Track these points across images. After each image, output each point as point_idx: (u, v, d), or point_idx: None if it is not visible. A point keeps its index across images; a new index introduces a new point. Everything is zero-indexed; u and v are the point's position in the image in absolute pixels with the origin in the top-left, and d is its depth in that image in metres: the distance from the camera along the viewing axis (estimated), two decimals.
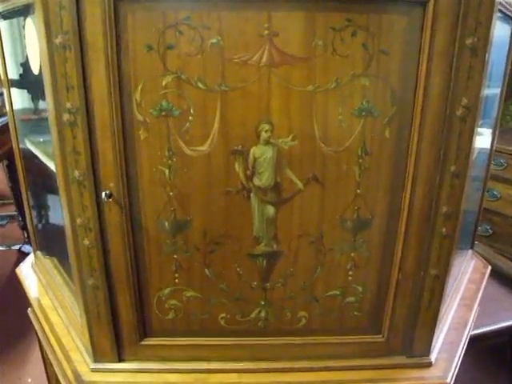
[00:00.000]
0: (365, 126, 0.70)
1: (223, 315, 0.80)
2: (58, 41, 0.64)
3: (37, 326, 1.00)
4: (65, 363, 0.85)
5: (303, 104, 0.68)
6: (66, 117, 0.67)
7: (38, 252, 1.13)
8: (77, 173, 0.70)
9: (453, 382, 0.83)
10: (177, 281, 0.77)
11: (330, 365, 0.83)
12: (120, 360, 0.82)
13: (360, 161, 0.71)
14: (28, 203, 1.08)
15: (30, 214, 1.10)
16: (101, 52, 0.64)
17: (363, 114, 0.69)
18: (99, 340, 0.80)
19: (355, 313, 0.81)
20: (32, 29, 0.76)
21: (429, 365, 0.84)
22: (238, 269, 0.77)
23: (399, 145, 0.71)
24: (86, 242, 0.73)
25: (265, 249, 0.76)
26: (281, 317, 0.81)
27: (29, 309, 1.06)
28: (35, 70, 0.79)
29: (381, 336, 0.83)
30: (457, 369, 0.85)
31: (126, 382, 0.81)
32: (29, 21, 0.77)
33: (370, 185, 0.73)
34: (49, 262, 1.09)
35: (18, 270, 1.16)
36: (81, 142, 0.68)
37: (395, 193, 0.74)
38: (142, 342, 0.81)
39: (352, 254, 0.77)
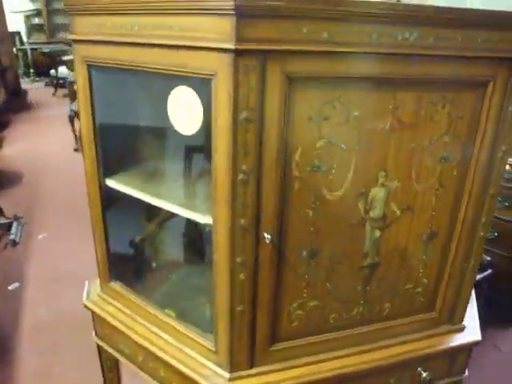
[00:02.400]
0: (442, 169, 0.97)
1: (333, 315, 1.03)
2: (243, 115, 0.79)
3: (133, 352, 1.12)
4: (201, 380, 1.00)
5: (407, 156, 0.93)
6: (240, 176, 0.83)
7: (112, 282, 1.21)
8: (243, 221, 0.86)
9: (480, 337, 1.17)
10: (304, 295, 0.98)
11: (403, 339, 1.11)
12: (251, 367, 1.01)
13: (436, 192, 0.99)
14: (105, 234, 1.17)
15: (107, 244, 1.18)
16: (275, 123, 0.82)
17: (442, 160, 0.97)
18: (238, 354, 0.98)
19: (421, 299, 1.10)
20: (187, 96, 0.88)
21: (463, 328, 1.17)
22: (350, 279, 1.01)
23: (460, 179, 1.00)
24: (242, 276, 0.90)
25: (370, 261, 1.00)
26: (372, 309, 1.06)
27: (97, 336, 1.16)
28: (186, 131, 0.91)
29: (434, 313, 1.13)
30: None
31: None
32: (181, 88, 0.89)
33: (440, 208, 1.01)
34: (126, 291, 1.19)
35: (87, 303, 1.23)
36: (249, 197, 0.85)
37: (454, 212, 1.03)
38: (271, 349, 1.01)
39: (423, 257, 1.06)
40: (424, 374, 1.13)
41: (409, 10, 0.80)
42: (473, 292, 1.22)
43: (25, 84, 8.06)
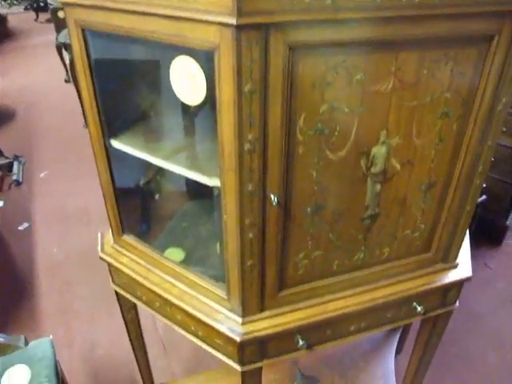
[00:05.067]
0: (442, 124, 1.00)
1: (336, 262, 1.10)
2: (247, 88, 0.80)
3: (149, 300, 1.20)
4: (216, 324, 1.10)
5: (408, 114, 0.95)
6: (246, 146, 0.86)
7: (125, 235, 1.27)
8: (250, 186, 0.90)
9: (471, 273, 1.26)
10: (309, 247, 1.05)
11: (401, 279, 1.20)
12: (261, 311, 1.10)
13: (436, 146, 1.02)
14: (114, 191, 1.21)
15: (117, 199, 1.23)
16: (279, 93, 0.83)
17: (442, 116, 0.98)
18: (249, 301, 1.06)
19: (417, 242, 1.17)
20: (190, 67, 0.88)
21: (457, 266, 1.26)
22: (352, 229, 1.07)
23: (460, 133, 1.03)
24: (250, 235, 0.96)
25: (370, 212, 1.06)
26: (372, 254, 1.14)
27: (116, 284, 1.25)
28: (190, 102, 0.92)
29: (430, 253, 1.21)
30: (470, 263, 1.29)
31: (268, 326, 1.09)
32: (183, 58, 0.89)
33: (439, 161, 1.05)
34: (139, 244, 1.25)
35: (102, 255, 1.31)
36: (256, 164, 0.88)
37: (452, 163, 1.07)
38: (279, 295, 1.09)
39: (422, 206, 1.11)
40: (419, 308, 1.23)
41: None
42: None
43: (2, 8, 7.64)
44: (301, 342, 1.14)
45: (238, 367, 1.16)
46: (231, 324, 1.09)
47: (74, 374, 2.07)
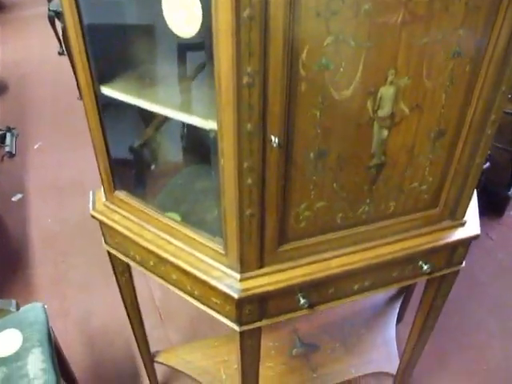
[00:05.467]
0: (454, 64, 0.93)
1: (340, 215, 1.05)
2: (245, 13, 0.73)
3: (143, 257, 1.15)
4: (213, 281, 1.04)
5: (418, 52, 0.88)
6: (245, 79, 0.79)
7: (117, 191, 1.21)
8: (249, 125, 0.84)
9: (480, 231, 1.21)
10: (312, 196, 0.99)
11: (407, 236, 1.15)
12: (261, 267, 1.04)
13: (447, 89, 0.96)
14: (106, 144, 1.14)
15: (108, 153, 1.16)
16: (280, 21, 0.76)
17: (455, 56, 0.92)
18: (248, 255, 1.00)
19: (425, 196, 1.11)
20: None
21: (464, 223, 1.20)
22: (356, 179, 1.01)
23: (472, 76, 0.96)
24: (250, 181, 0.90)
25: (376, 161, 1.00)
26: (378, 208, 1.08)
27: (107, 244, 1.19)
28: (184, 34, 0.85)
29: (437, 209, 1.16)
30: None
31: (267, 283, 1.04)
32: None
33: (449, 105, 0.98)
34: (132, 200, 1.19)
35: (93, 212, 1.25)
36: (256, 100, 0.82)
37: (464, 109, 1.00)
38: (279, 249, 1.03)
39: (430, 156, 1.05)
40: (425, 267, 1.18)
41: None
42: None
43: None
44: (302, 301, 1.09)
45: (236, 327, 1.11)
46: (229, 281, 1.04)
47: (69, 343, 2.03)
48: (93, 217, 1.26)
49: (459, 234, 1.19)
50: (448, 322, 2.12)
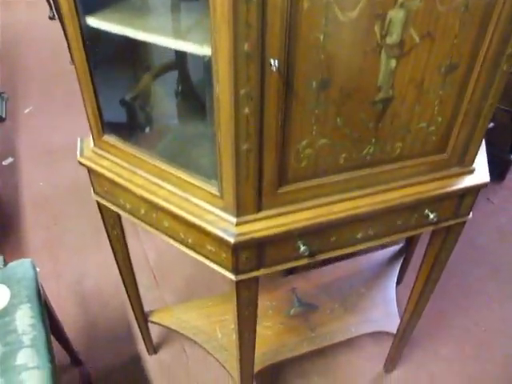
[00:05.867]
0: None
1: (343, 155, 0.98)
2: None
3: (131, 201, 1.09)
4: (207, 225, 0.98)
5: None
6: None
7: (106, 136, 1.14)
8: (246, 45, 0.76)
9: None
10: (314, 133, 0.92)
11: (413, 181, 1.09)
12: (258, 210, 0.98)
13: (461, 16, 0.88)
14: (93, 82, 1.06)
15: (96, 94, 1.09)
16: None
17: None
18: (245, 197, 0.94)
19: (433, 138, 1.05)
20: None
21: (473, 171, 1.14)
22: (361, 114, 0.94)
23: (489, 2, 0.88)
24: (247, 110, 0.83)
25: (383, 95, 0.93)
26: (383, 149, 1.01)
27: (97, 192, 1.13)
28: None
29: (445, 154, 1.09)
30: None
31: (266, 227, 0.98)
32: None
33: (463, 35, 0.91)
34: (122, 144, 1.12)
35: (81, 159, 1.18)
36: (254, 15, 0.74)
37: (478, 40, 0.93)
38: (278, 191, 0.97)
39: (440, 92, 0.98)
40: (431, 216, 1.12)
41: None
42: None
43: None
44: (302, 248, 1.03)
45: (232, 276, 1.05)
46: (224, 225, 0.98)
47: (62, 305, 1.99)
48: (80, 163, 1.19)
49: (467, 181, 1.13)
50: (448, 285, 2.08)
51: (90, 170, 1.21)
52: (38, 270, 2.02)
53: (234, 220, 0.97)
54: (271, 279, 1.90)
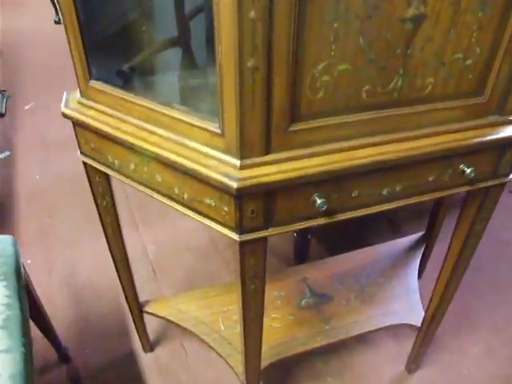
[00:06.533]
0: None
1: (366, 87, 0.83)
2: None
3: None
4: (206, 170, 0.83)
5: None
6: None
7: (93, 81, 1.00)
8: None
9: None
10: (332, 53, 0.77)
11: (447, 129, 0.93)
12: (267, 153, 0.83)
13: None
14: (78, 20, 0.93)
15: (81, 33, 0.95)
16: None
17: None
18: (250, 134, 0.78)
19: (469, 76, 0.90)
20: None
21: None
22: (388, 35, 0.79)
23: None
24: (253, 13, 0.68)
25: (414, 12, 0.78)
26: (412, 85, 0.86)
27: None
28: None
29: (483, 98, 0.94)
30: None
31: (275, 172, 0.82)
32: None
33: None
34: (110, 88, 0.98)
35: (65, 110, 1.04)
36: None
37: None
38: (290, 128, 0.81)
39: (479, 15, 0.83)
40: (467, 171, 0.96)
41: None
42: None
43: None
44: (319, 202, 0.87)
45: (235, 236, 0.89)
46: (226, 169, 0.82)
47: (52, 299, 1.83)
48: (64, 115, 1.05)
49: (508, 131, 0.97)
50: (474, 280, 1.90)
51: (75, 124, 1.07)
52: (28, 261, 1.86)
53: (237, 162, 0.81)
54: (279, 268, 1.74)
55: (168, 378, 1.59)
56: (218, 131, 0.82)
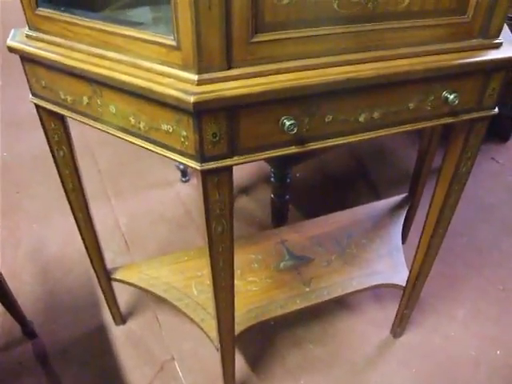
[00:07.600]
0: None
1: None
2: None
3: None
4: (161, 88, 0.74)
5: None
6: None
7: (41, 8, 0.90)
8: None
9: None
10: None
11: (427, 49, 0.86)
12: (229, 68, 0.74)
13: None
14: None
15: None
16: None
17: None
18: (208, 44, 0.70)
19: None
20: None
21: (499, 45, 0.91)
22: None
23: None
24: None
25: None
26: None
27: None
28: None
29: (466, 17, 0.87)
30: None
31: (237, 86, 0.74)
32: None
33: None
34: (59, 15, 0.89)
35: (11, 43, 0.94)
36: None
37: None
38: (253, 39, 0.73)
39: None
40: (451, 97, 0.89)
41: None
42: None
43: None
44: (287, 124, 0.79)
45: (195, 165, 0.80)
46: (183, 86, 0.74)
47: (18, 273, 1.73)
48: (10, 49, 0.95)
49: (493, 54, 0.90)
50: (457, 243, 1.85)
51: (24, 60, 0.97)
52: None
53: (195, 77, 0.73)
54: (256, 232, 1.65)
55: (141, 351, 1.50)
56: (174, 43, 0.73)
